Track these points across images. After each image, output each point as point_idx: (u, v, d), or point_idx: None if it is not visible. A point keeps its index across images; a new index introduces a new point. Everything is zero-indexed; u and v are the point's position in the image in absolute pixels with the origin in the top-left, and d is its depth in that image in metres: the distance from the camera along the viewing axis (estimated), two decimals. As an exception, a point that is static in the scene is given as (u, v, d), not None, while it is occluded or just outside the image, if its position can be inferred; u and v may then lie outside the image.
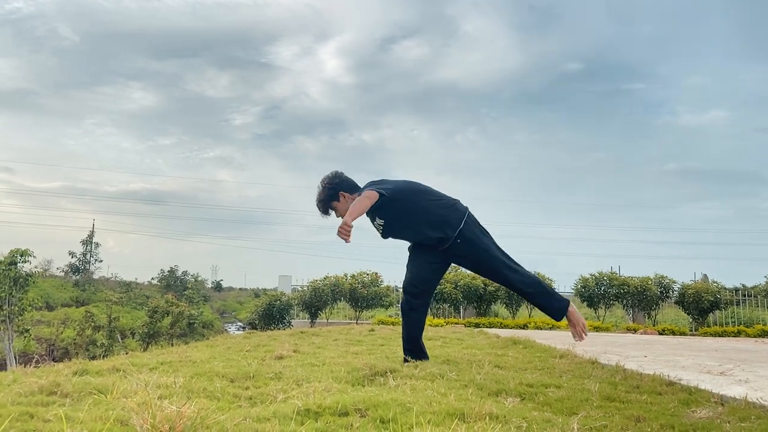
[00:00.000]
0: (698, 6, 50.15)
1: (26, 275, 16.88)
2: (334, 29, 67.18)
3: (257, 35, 66.76)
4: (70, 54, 59.10)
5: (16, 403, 2.02)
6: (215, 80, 68.37)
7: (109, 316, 20.01)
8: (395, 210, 3.25)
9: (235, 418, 1.76)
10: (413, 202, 3.28)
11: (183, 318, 20.24)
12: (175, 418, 1.58)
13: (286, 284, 14.67)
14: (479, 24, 57.07)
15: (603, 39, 55.49)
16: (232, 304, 46.63)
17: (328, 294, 12.70)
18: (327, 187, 3.38)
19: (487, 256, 3.30)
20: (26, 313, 17.11)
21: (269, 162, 75.92)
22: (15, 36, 54.79)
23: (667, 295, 13.27)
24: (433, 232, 3.26)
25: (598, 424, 1.84)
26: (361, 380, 2.63)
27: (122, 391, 2.21)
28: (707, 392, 2.48)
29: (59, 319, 24.21)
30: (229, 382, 2.56)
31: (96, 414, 1.81)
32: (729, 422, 1.91)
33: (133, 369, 2.93)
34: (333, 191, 3.37)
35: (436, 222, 3.25)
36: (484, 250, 3.30)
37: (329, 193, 3.37)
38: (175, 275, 38.00)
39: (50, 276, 34.49)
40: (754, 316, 13.93)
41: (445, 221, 3.25)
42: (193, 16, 59.24)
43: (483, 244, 3.31)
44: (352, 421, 1.80)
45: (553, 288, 3.39)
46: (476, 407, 1.91)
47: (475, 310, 12.93)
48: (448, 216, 3.27)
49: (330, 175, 3.41)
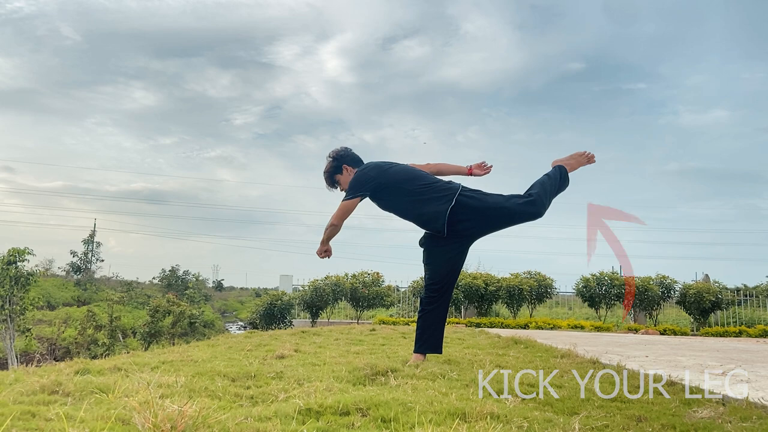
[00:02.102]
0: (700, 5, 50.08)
1: (27, 274, 16.89)
2: (335, 29, 67.08)
3: (258, 35, 66.68)
4: (71, 53, 59.05)
5: (17, 402, 2.03)
6: (216, 80, 68.30)
7: (111, 315, 20.03)
8: (383, 203, 3.39)
9: (236, 418, 1.76)
10: (399, 193, 3.30)
11: (184, 317, 20.25)
12: (176, 418, 1.58)
13: (287, 284, 14.68)
14: (480, 23, 56.99)
15: (604, 39, 55.38)
16: (234, 303, 46.63)
17: (329, 294, 12.70)
18: (332, 159, 3.52)
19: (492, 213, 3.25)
20: (27, 312, 17.14)
21: (270, 161, 75.84)
22: (16, 35, 54.74)
23: (668, 295, 13.25)
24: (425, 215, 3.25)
25: (599, 424, 1.84)
26: (362, 380, 2.63)
27: (124, 391, 2.21)
28: (709, 392, 2.48)
29: (60, 318, 24.22)
30: (231, 382, 2.56)
31: (97, 413, 1.81)
32: (730, 422, 1.91)
33: (134, 368, 2.94)
34: (337, 164, 3.50)
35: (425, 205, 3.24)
36: (493, 204, 3.24)
37: (334, 165, 3.50)
38: (176, 275, 38.00)
39: (52, 275, 34.47)
40: (755, 316, 13.91)
41: (433, 204, 3.22)
42: (194, 15, 59.19)
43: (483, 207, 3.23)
44: (354, 420, 1.80)
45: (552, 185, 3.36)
46: (477, 407, 1.91)
47: (476, 310, 12.93)
48: (437, 197, 3.23)
49: (337, 149, 3.55)
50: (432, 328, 3.39)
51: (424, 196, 3.26)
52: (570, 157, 3.53)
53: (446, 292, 3.40)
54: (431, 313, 3.38)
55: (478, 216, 3.24)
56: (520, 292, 12.68)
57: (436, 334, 3.40)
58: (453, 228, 3.22)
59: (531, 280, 12.99)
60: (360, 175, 3.37)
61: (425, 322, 3.39)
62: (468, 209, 3.21)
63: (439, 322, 3.42)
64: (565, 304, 16.60)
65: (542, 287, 13.00)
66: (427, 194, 3.26)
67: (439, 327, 3.42)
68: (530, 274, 13.31)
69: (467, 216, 3.21)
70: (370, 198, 3.36)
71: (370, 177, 3.32)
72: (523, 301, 12.92)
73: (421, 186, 3.29)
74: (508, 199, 3.26)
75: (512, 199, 3.26)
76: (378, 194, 3.33)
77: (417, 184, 3.30)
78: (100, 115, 64.42)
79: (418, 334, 3.39)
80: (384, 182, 3.31)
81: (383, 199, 3.36)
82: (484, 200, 3.25)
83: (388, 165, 3.41)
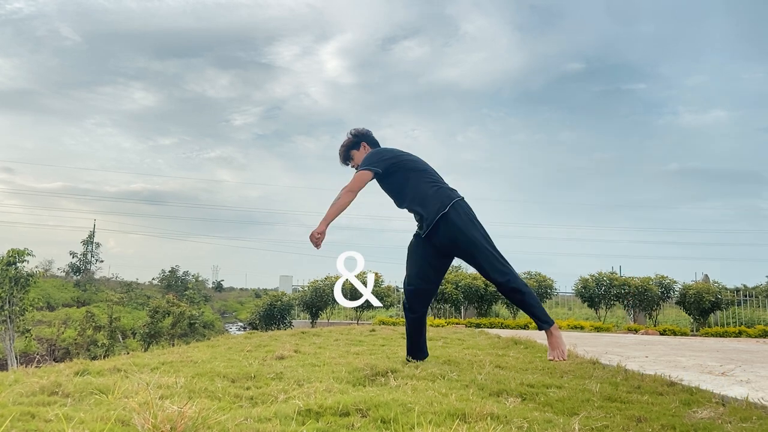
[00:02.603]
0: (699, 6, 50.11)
1: (27, 275, 16.90)
2: (334, 29, 67.20)
3: (258, 35, 66.80)
4: (71, 54, 59.18)
5: (17, 403, 2.02)
6: (216, 80, 68.44)
7: (110, 316, 20.03)
8: (390, 183, 3.42)
9: (236, 419, 1.76)
10: (406, 178, 3.36)
11: (184, 318, 20.25)
12: (176, 419, 1.58)
13: (287, 284, 14.71)
14: (480, 24, 57.10)
15: (604, 39, 55.49)
16: (233, 304, 46.64)
17: (329, 294, 12.70)
18: (353, 134, 3.61)
19: (476, 245, 3.20)
20: (27, 313, 17.13)
21: (270, 162, 75.98)
22: (16, 36, 54.90)
23: (668, 296, 13.26)
24: (419, 207, 3.29)
25: (599, 425, 1.84)
26: (362, 380, 2.63)
27: (123, 391, 2.21)
28: (708, 393, 2.47)
29: (60, 319, 24.22)
30: (230, 383, 2.56)
31: (97, 414, 1.81)
32: (730, 423, 1.91)
33: (134, 369, 2.93)
34: (357, 140, 3.60)
35: (422, 199, 3.28)
36: (472, 238, 3.20)
37: (354, 140, 3.60)
38: (175, 275, 38.01)
39: (51, 276, 34.48)
40: (755, 316, 13.92)
41: (430, 201, 3.25)
42: (193, 16, 59.29)
43: (471, 232, 3.21)
44: (354, 421, 1.80)
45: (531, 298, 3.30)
46: (477, 407, 1.91)
47: (476, 311, 12.93)
48: (435, 196, 3.26)
49: (359, 128, 3.65)
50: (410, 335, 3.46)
51: (432, 189, 3.32)
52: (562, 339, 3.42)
53: (418, 298, 3.39)
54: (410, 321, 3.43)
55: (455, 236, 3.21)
56: (520, 292, 12.67)
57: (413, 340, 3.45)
58: (431, 233, 3.25)
59: (531, 281, 12.99)
60: (380, 149, 3.48)
61: (407, 328, 3.49)
62: (449, 225, 3.20)
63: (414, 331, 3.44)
64: (565, 304, 16.61)
65: (542, 287, 13.01)
66: (434, 188, 3.32)
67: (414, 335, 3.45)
68: (530, 275, 13.32)
69: (445, 230, 3.22)
70: (382, 176, 3.35)
71: (391, 154, 3.42)
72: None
73: (432, 180, 3.37)
74: (491, 256, 3.20)
75: (495, 262, 3.20)
76: (391, 171, 3.35)
77: (429, 175, 3.39)
78: (99, 115, 64.59)
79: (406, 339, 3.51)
80: (401, 162, 3.38)
81: (394, 175, 3.36)
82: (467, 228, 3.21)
83: (405, 152, 3.51)
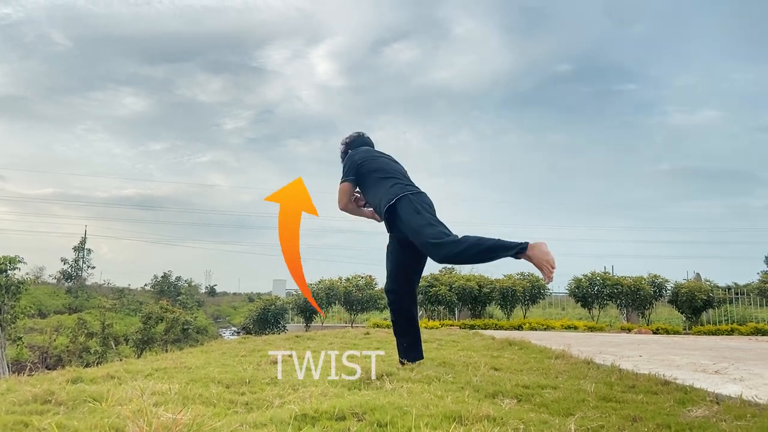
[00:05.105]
0: (688, 6, 50.54)
1: (18, 282, 16.75)
2: (325, 33, 67.31)
3: (248, 39, 66.80)
4: (61, 59, 58.87)
5: (10, 411, 2.01)
6: (207, 85, 68.27)
7: (103, 322, 19.92)
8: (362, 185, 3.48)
9: (231, 425, 1.75)
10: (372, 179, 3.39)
11: (177, 324, 20.16)
12: (171, 426, 1.57)
13: (281, 288, 14.64)
14: (470, 26, 57.36)
15: (593, 40, 55.87)
16: (227, 309, 46.43)
17: (323, 298, 12.68)
18: (342, 144, 3.74)
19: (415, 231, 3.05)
20: (19, 320, 17.00)
21: (262, 166, 75.75)
22: (5, 42, 54.56)
23: (660, 295, 13.33)
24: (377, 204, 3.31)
25: (594, 425, 1.85)
26: (357, 384, 2.63)
27: (117, 399, 2.19)
28: (703, 391, 2.49)
29: (52, 326, 24.02)
30: (225, 388, 2.54)
31: (91, 422, 1.79)
32: (725, 421, 1.92)
33: (127, 376, 2.91)
34: (346, 149, 3.71)
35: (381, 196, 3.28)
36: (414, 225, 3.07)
37: (344, 150, 3.72)
38: (168, 281, 37.83)
39: (42, 283, 34.21)
40: (747, 314, 14.02)
41: (384, 197, 3.25)
42: (183, 20, 59.19)
43: (412, 220, 3.08)
44: (350, 425, 1.79)
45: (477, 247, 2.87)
46: (473, 409, 1.91)
47: (470, 312, 12.94)
48: (389, 191, 3.25)
49: (350, 134, 3.76)
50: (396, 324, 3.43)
51: (388, 185, 3.29)
52: (542, 252, 2.79)
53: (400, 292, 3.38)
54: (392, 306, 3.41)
55: (403, 227, 3.17)
56: (514, 293, 12.72)
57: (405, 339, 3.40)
58: (391, 224, 3.28)
59: (524, 282, 13.02)
60: (351, 155, 3.53)
61: (392, 317, 3.47)
62: (398, 216, 3.16)
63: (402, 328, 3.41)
64: (558, 304, 16.66)
65: (535, 288, 13.04)
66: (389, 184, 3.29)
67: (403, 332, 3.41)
68: (523, 276, 13.35)
69: (393, 222, 3.24)
70: (356, 180, 3.42)
71: (358, 157, 3.46)
72: (517, 302, 12.94)
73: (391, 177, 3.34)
74: (427, 226, 3.04)
75: (429, 229, 3.02)
76: (361, 173, 3.40)
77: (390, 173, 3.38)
78: (90, 121, 64.24)
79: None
80: (365, 163, 3.41)
81: (363, 177, 3.41)
82: (411, 218, 3.10)
83: (378, 154, 3.54)
